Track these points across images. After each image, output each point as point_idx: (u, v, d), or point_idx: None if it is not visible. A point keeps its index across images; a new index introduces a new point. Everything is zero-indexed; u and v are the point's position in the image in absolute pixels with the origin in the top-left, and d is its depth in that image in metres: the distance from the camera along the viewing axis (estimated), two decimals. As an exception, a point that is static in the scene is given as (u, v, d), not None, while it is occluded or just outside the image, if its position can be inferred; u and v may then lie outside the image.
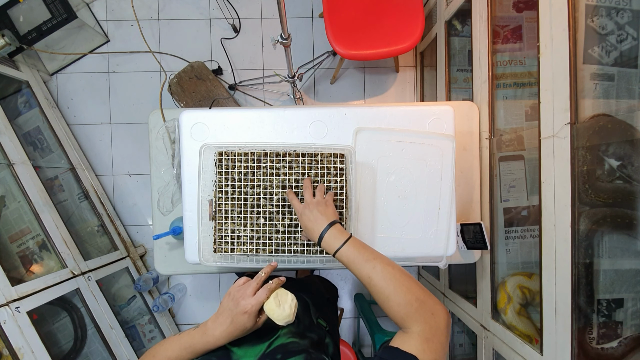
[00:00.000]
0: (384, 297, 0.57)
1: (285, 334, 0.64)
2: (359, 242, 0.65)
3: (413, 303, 0.55)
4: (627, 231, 0.79)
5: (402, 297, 0.55)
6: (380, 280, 0.58)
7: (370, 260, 0.61)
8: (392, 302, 0.56)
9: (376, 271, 0.59)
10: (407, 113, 0.89)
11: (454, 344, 1.56)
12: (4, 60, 1.60)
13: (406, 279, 0.58)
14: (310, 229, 0.69)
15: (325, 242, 0.66)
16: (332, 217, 0.70)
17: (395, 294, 0.56)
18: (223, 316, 0.60)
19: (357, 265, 0.61)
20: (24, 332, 1.14)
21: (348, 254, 0.63)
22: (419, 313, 0.54)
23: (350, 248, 0.63)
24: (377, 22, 1.46)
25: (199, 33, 1.92)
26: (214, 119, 0.89)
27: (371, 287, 0.59)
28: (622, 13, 0.80)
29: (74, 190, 1.77)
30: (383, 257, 0.62)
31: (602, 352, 0.79)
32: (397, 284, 0.57)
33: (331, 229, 0.67)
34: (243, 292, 0.61)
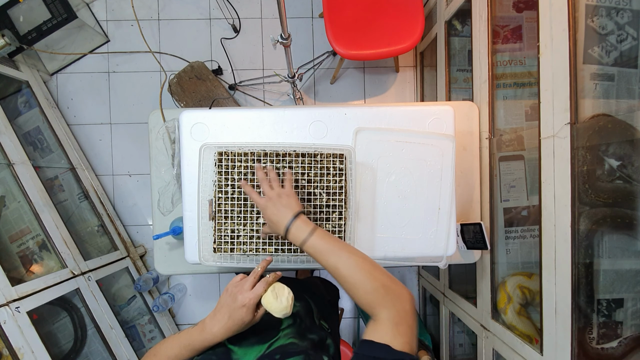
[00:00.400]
0: (351, 286, 0.59)
1: (286, 335, 0.64)
2: (324, 232, 0.66)
3: (379, 289, 0.57)
4: (627, 231, 0.79)
5: (368, 285, 0.57)
6: (346, 269, 0.59)
7: (336, 250, 0.62)
8: (360, 290, 0.58)
9: (342, 261, 0.60)
10: (407, 113, 0.89)
11: (454, 344, 1.56)
12: (4, 60, 1.60)
13: (371, 266, 0.60)
14: (275, 222, 0.69)
15: (291, 234, 0.67)
16: (296, 207, 0.69)
17: (362, 282, 0.58)
18: (221, 312, 0.60)
19: (324, 255, 0.63)
20: (24, 332, 1.14)
21: (315, 245, 0.64)
22: (385, 299, 0.56)
23: (317, 239, 0.64)
24: (377, 22, 1.46)
25: (199, 33, 1.92)
26: (214, 119, 0.89)
27: (338, 276, 0.61)
28: (622, 13, 0.80)
29: (74, 190, 1.77)
30: (348, 246, 0.64)
31: (602, 352, 0.79)
32: (363, 272, 0.59)
33: (296, 221, 0.67)
34: (241, 287, 0.62)
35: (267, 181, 0.73)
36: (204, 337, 0.60)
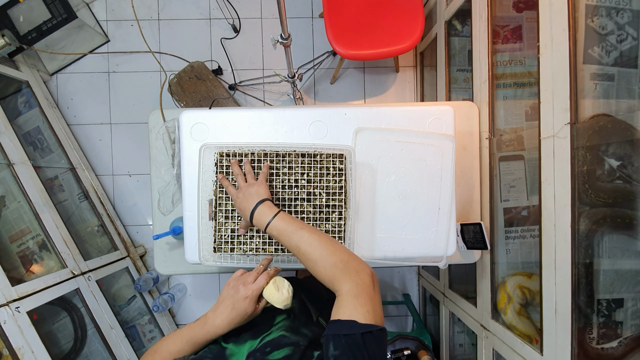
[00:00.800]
0: (312, 263, 0.61)
1: (279, 329, 0.65)
2: (287, 216, 0.68)
3: (338, 264, 0.59)
4: (627, 231, 0.79)
5: (327, 260, 0.59)
6: (307, 247, 0.62)
7: (298, 230, 0.64)
8: (320, 266, 0.60)
9: (303, 240, 0.62)
10: (407, 113, 0.89)
11: (454, 344, 1.56)
12: (4, 60, 1.60)
13: (331, 243, 0.62)
14: (243, 210, 0.71)
15: (255, 218, 0.69)
16: (263, 195, 0.72)
17: (322, 258, 0.60)
18: (224, 304, 0.62)
19: (286, 236, 0.64)
20: (24, 332, 1.14)
21: (277, 227, 0.66)
22: (344, 273, 0.58)
23: (279, 221, 0.66)
24: (377, 22, 1.46)
25: (199, 33, 1.92)
26: (214, 119, 0.89)
27: (300, 255, 0.63)
28: (622, 13, 0.80)
29: (74, 190, 1.77)
30: (310, 227, 0.66)
31: (602, 352, 0.79)
32: (322, 249, 0.61)
33: (261, 206, 0.69)
34: (243, 279, 0.64)
35: (241, 175, 0.77)
36: (206, 330, 0.61)
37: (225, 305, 0.62)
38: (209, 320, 0.62)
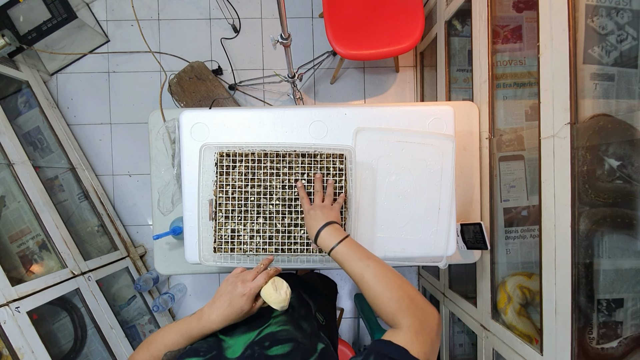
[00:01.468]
0: (375, 293, 0.59)
1: (277, 322, 0.64)
2: (354, 242, 0.67)
3: (404, 299, 0.56)
4: (627, 231, 0.79)
5: (393, 293, 0.57)
6: (372, 277, 0.60)
7: (364, 259, 0.62)
8: (384, 298, 0.57)
9: (369, 269, 0.61)
10: (407, 113, 0.89)
11: (454, 344, 1.56)
12: (4, 60, 1.60)
13: (398, 278, 0.60)
14: (309, 226, 0.72)
15: (321, 239, 0.68)
16: (332, 218, 0.72)
17: (387, 290, 0.58)
18: (220, 300, 0.61)
19: (350, 263, 0.63)
20: (24, 332, 1.14)
21: (343, 252, 0.65)
22: (409, 308, 0.55)
23: (345, 247, 0.65)
24: (377, 22, 1.46)
25: (199, 33, 1.92)
26: (214, 119, 0.89)
27: (363, 284, 0.61)
28: (622, 13, 0.80)
29: (74, 190, 1.77)
30: (376, 257, 0.64)
31: (602, 352, 0.79)
32: (389, 281, 0.59)
33: (328, 227, 0.69)
34: (243, 277, 0.63)
35: (321, 193, 0.79)
36: (201, 324, 0.61)
37: (222, 301, 0.61)
38: (205, 315, 0.61)
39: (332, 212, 0.74)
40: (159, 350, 0.61)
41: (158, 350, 0.61)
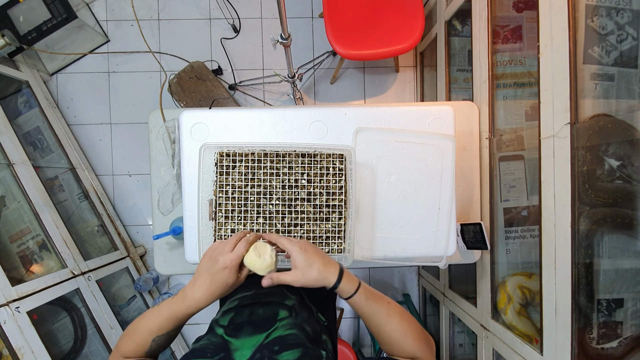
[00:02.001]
0: (402, 332, 0.61)
1: (284, 325, 0.64)
2: (368, 287, 0.66)
3: (421, 335, 0.62)
4: (627, 231, 0.79)
5: (418, 331, 0.62)
6: (397, 315, 0.62)
7: (384, 297, 0.64)
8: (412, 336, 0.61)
9: (392, 306, 0.63)
10: (407, 113, 0.89)
11: (454, 344, 1.56)
12: (4, 60, 1.60)
13: (411, 316, 0.64)
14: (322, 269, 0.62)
15: (342, 283, 0.63)
16: (335, 262, 0.66)
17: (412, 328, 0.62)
18: (201, 278, 0.59)
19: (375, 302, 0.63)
20: (24, 332, 1.14)
21: (365, 294, 0.63)
22: (427, 345, 0.62)
23: (366, 287, 0.64)
24: (377, 22, 1.46)
25: (199, 33, 1.92)
26: (214, 119, 0.89)
27: (390, 322, 0.62)
28: (622, 13, 0.80)
29: (74, 190, 1.77)
30: (393, 302, 0.65)
31: (602, 352, 0.79)
32: (410, 319, 0.63)
33: (345, 271, 0.64)
34: (221, 249, 0.60)
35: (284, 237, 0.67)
36: (186, 304, 0.59)
37: (204, 278, 0.59)
38: (188, 295, 0.59)
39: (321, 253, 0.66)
40: (145, 338, 0.59)
41: (144, 338, 0.59)
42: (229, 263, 0.58)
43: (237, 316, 0.68)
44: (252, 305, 0.71)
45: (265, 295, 0.76)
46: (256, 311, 0.68)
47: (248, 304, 0.72)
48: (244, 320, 0.66)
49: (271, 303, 0.71)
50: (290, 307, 0.71)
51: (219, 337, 0.62)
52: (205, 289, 0.58)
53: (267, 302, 0.72)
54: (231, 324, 0.66)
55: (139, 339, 0.59)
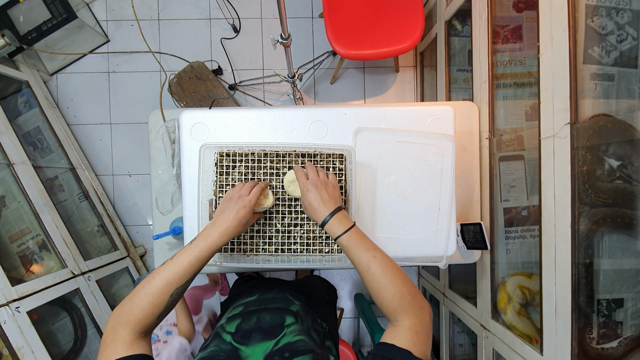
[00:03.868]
0: (379, 287, 0.59)
1: (292, 332, 0.64)
2: (361, 232, 0.66)
3: (406, 296, 0.57)
4: (627, 231, 0.79)
5: (397, 289, 0.57)
6: (378, 269, 0.59)
7: (371, 249, 0.62)
8: (387, 292, 0.58)
9: (376, 260, 0.60)
10: (407, 113, 0.89)
11: (454, 344, 1.56)
12: (4, 60, 1.60)
13: (402, 273, 0.60)
14: (315, 209, 0.69)
15: (329, 225, 0.67)
16: (338, 201, 0.71)
17: (392, 284, 0.58)
18: (225, 214, 0.66)
19: (357, 251, 0.63)
20: (24, 332, 1.14)
21: (349, 240, 0.64)
22: (410, 306, 0.56)
23: (353, 235, 0.64)
24: (377, 22, 1.46)
25: (199, 33, 1.92)
26: (214, 119, 0.89)
27: (368, 274, 0.60)
28: (622, 13, 0.80)
29: (74, 190, 1.77)
30: (382, 250, 0.64)
31: (602, 352, 0.79)
32: (394, 275, 0.59)
33: (337, 214, 0.67)
34: (240, 193, 0.70)
35: (314, 168, 0.76)
36: (210, 241, 0.62)
37: (227, 214, 0.66)
38: (213, 232, 0.63)
39: (336, 191, 0.72)
40: (164, 294, 0.57)
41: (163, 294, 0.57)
42: (247, 202, 0.68)
43: (244, 322, 0.68)
44: (259, 312, 0.71)
45: (270, 301, 0.76)
46: (263, 317, 0.69)
47: (254, 310, 0.72)
48: (251, 326, 0.66)
49: (277, 309, 0.72)
50: (295, 313, 0.71)
51: (227, 344, 0.62)
52: (229, 223, 0.65)
53: (273, 308, 0.72)
54: (239, 330, 0.66)
55: (156, 297, 0.56)
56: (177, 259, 0.60)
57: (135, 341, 0.53)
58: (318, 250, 0.83)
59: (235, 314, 0.72)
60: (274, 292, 0.82)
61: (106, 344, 0.52)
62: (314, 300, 0.89)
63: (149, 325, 0.56)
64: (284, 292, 0.82)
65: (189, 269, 0.59)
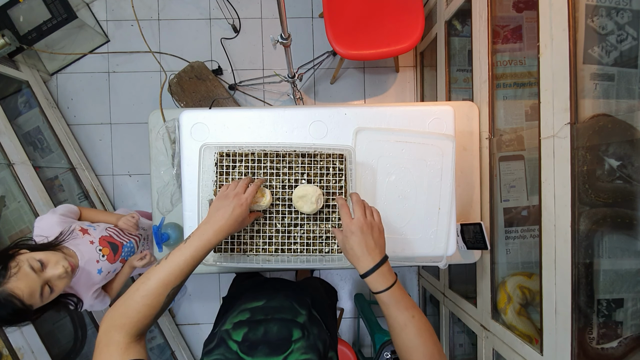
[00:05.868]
0: (412, 346, 0.59)
1: (299, 348, 0.64)
2: (401, 288, 0.64)
3: (435, 356, 0.59)
4: (627, 231, 0.79)
5: (429, 351, 0.59)
6: (414, 330, 0.60)
7: (410, 308, 0.61)
8: (419, 353, 0.59)
9: (414, 321, 0.60)
10: (407, 113, 0.89)
11: (454, 344, 1.56)
12: (4, 60, 1.60)
13: (433, 333, 0.61)
14: (359, 257, 0.63)
15: (371, 278, 0.62)
16: (383, 250, 0.66)
17: (425, 346, 0.59)
18: (220, 212, 0.65)
19: (397, 310, 0.61)
20: (24, 332, 1.14)
21: (391, 298, 0.61)
22: None
23: (395, 292, 0.62)
24: (377, 22, 1.46)
25: (199, 33, 1.92)
26: (214, 119, 0.89)
27: (403, 333, 0.60)
28: (622, 13, 0.80)
29: (74, 190, 1.77)
30: (419, 309, 0.63)
31: (602, 352, 0.79)
32: (428, 337, 0.60)
33: (382, 267, 0.62)
34: (236, 192, 0.69)
35: (362, 205, 0.68)
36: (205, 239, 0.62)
37: (222, 212, 0.65)
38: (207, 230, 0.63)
39: (382, 238, 0.66)
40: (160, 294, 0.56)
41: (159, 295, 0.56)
42: (244, 201, 0.68)
43: (251, 332, 0.67)
44: (266, 322, 0.70)
45: (277, 310, 0.75)
46: (271, 329, 0.68)
47: (261, 320, 0.71)
48: (258, 338, 0.66)
49: (284, 320, 0.71)
50: (302, 325, 0.71)
51: (233, 353, 0.62)
52: (224, 222, 0.64)
53: (280, 319, 0.71)
54: (245, 340, 0.65)
55: (152, 299, 0.55)
56: (172, 259, 0.59)
57: (131, 345, 0.52)
58: (318, 250, 0.83)
59: (241, 320, 0.72)
60: (280, 298, 0.81)
61: (100, 348, 0.51)
62: (319, 306, 0.89)
63: (144, 327, 0.55)
64: (290, 299, 0.81)
65: (184, 268, 0.59)
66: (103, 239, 1.05)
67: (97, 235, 1.04)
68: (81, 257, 0.97)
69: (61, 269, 0.85)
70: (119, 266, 1.09)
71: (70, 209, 1.09)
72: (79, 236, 1.00)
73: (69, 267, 0.87)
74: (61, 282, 0.87)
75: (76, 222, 1.07)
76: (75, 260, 0.95)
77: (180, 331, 1.91)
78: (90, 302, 1.01)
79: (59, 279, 0.86)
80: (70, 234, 0.99)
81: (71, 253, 0.96)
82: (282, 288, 0.92)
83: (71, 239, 0.98)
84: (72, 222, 1.05)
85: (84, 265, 0.97)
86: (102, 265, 1.02)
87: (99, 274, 1.01)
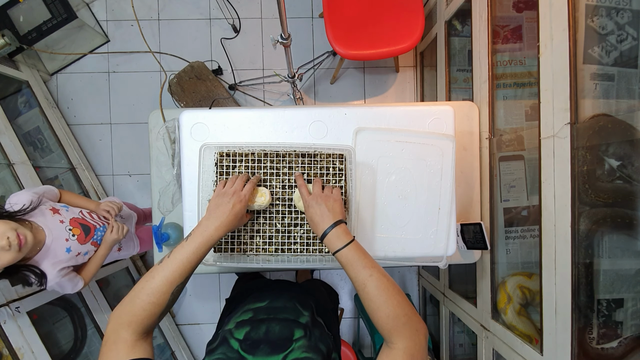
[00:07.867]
0: (375, 306, 0.58)
1: (300, 347, 0.64)
2: (360, 247, 0.65)
3: (401, 317, 0.56)
4: (627, 231, 0.79)
5: (392, 310, 0.57)
6: (374, 288, 0.59)
7: (368, 267, 0.61)
8: (382, 313, 0.57)
9: (372, 279, 0.60)
10: (407, 113, 0.89)
11: (454, 344, 1.56)
12: (4, 60, 1.60)
13: (398, 293, 0.59)
14: (316, 223, 0.69)
15: (327, 239, 0.66)
16: (339, 215, 0.70)
17: (386, 305, 0.57)
18: (220, 209, 0.67)
19: (355, 268, 0.62)
20: (24, 332, 1.14)
21: (348, 256, 0.63)
22: (405, 328, 0.56)
23: (352, 251, 0.63)
24: (377, 22, 1.46)
25: (199, 33, 1.92)
26: (214, 119, 0.89)
27: (364, 293, 0.60)
28: (622, 13, 0.80)
29: (74, 190, 1.77)
30: (380, 267, 0.63)
31: (602, 352, 0.79)
32: (389, 295, 0.58)
33: (336, 228, 0.66)
34: (234, 189, 0.70)
35: (319, 182, 0.75)
36: (207, 235, 0.63)
37: (222, 209, 0.66)
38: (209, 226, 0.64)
39: (337, 205, 0.70)
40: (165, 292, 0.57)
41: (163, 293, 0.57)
42: (243, 197, 0.70)
43: (253, 331, 0.67)
44: (268, 321, 0.70)
45: (280, 310, 0.76)
46: (272, 328, 0.68)
47: (264, 320, 0.71)
48: (260, 337, 0.66)
49: (286, 320, 0.71)
50: (304, 326, 0.71)
51: (235, 352, 0.62)
52: (225, 217, 0.66)
53: (282, 319, 0.71)
54: (247, 339, 0.65)
55: (157, 297, 0.56)
56: (175, 256, 0.60)
57: (137, 342, 0.53)
58: (318, 250, 0.83)
59: (244, 319, 0.72)
60: (283, 299, 0.81)
61: (108, 346, 0.52)
62: (323, 309, 0.89)
63: (151, 325, 0.56)
64: (293, 300, 0.81)
65: (187, 264, 0.60)
66: (75, 220, 1.05)
67: (68, 216, 1.04)
68: (49, 234, 0.96)
69: (4, 241, 0.82)
70: (91, 249, 1.08)
71: (48, 190, 1.08)
72: (48, 214, 0.99)
73: (15, 240, 0.83)
74: (4, 255, 0.83)
75: (50, 202, 1.06)
76: (41, 236, 0.94)
77: (180, 331, 1.91)
78: (56, 280, 0.98)
79: (2, 251, 0.82)
80: (37, 208, 0.97)
81: (38, 228, 0.95)
82: (286, 290, 0.92)
83: (39, 216, 0.97)
84: (46, 202, 1.04)
85: (51, 243, 0.96)
86: (71, 245, 1.01)
87: (67, 252, 1.00)
